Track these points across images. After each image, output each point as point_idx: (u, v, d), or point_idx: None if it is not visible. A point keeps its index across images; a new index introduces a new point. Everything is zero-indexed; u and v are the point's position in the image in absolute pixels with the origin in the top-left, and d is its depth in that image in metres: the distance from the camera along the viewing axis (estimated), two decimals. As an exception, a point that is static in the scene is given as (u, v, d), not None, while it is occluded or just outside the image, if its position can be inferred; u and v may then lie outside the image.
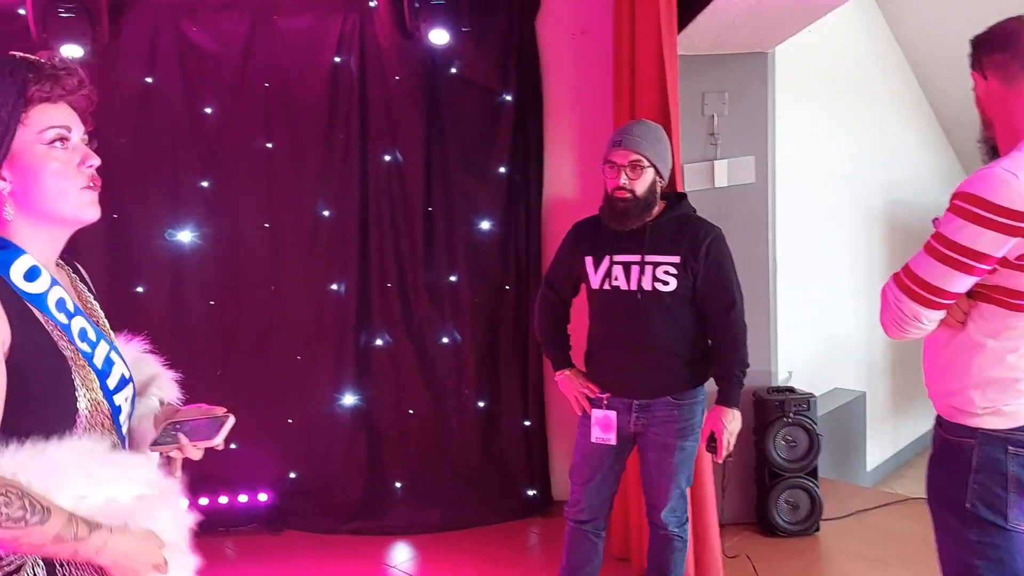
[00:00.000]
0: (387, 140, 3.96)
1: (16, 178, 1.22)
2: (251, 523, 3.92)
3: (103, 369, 1.27)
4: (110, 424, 1.28)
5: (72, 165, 1.24)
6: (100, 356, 1.27)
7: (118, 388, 1.30)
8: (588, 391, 2.71)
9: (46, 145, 1.22)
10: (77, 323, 1.26)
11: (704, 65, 3.74)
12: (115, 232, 3.81)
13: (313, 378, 3.97)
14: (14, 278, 1.19)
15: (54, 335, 1.21)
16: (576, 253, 2.72)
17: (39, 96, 1.22)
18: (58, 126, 1.23)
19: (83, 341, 1.25)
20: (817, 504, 3.76)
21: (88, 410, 1.22)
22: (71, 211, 1.26)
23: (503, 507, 4.03)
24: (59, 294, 1.25)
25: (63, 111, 1.25)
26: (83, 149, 1.26)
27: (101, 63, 3.66)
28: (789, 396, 3.77)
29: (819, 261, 4.65)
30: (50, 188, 1.22)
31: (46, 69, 1.23)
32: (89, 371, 1.24)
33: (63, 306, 1.25)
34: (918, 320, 1.69)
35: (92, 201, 1.27)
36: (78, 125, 1.28)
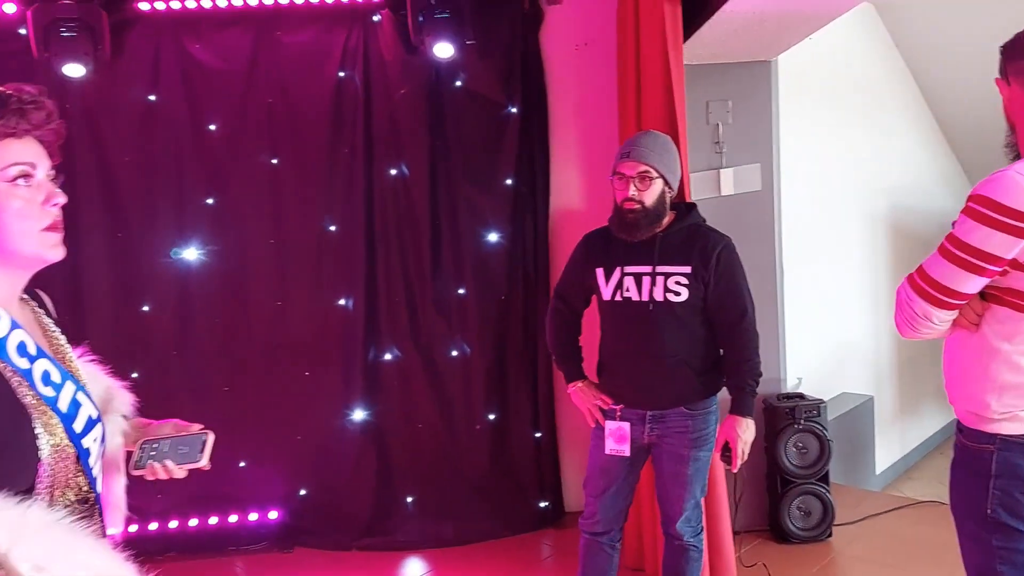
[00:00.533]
0: (392, 154, 3.96)
1: None
2: (261, 541, 3.89)
3: (68, 413, 1.22)
4: (76, 468, 1.23)
5: (36, 204, 1.19)
6: (65, 399, 1.23)
7: (85, 431, 1.25)
8: (601, 403, 2.71)
9: (8, 183, 1.17)
10: (40, 366, 1.21)
11: (707, 74, 3.74)
12: (120, 250, 3.81)
13: (322, 394, 3.95)
14: None
15: (12, 382, 1.16)
16: (587, 264, 2.72)
17: (2, 132, 1.17)
18: (21, 163, 1.18)
19: (47, 385, 1.20)
20: (829, 510, 3.75)
21: (51, 457, 1.18)
22: (32, 251, 1.21)
23: (516, 520, 4.01)
24: (20, 338, 1.20)
25: (28, 147, 1.20)
26: (48, 187, 1.21)
27: (104, 81, 3.67)
28: (799, 403, 3.76)
29: (825, 267, 4.65)
30: (11, 228, 1.18)
31: (11, 103, 1.18)
32: (52, 416, 1.19)
33: (24, 350, 1.20)
34: (929, 320, 1.71)
35: (56, 242, 1.22)
36: (44, 161, 1.22)
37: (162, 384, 3.73)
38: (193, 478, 2.10)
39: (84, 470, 1.24)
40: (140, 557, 3.54)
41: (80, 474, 1.24)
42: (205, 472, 1.50)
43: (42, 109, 1.22)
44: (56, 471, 1.19)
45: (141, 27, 3.75)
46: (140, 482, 3.98)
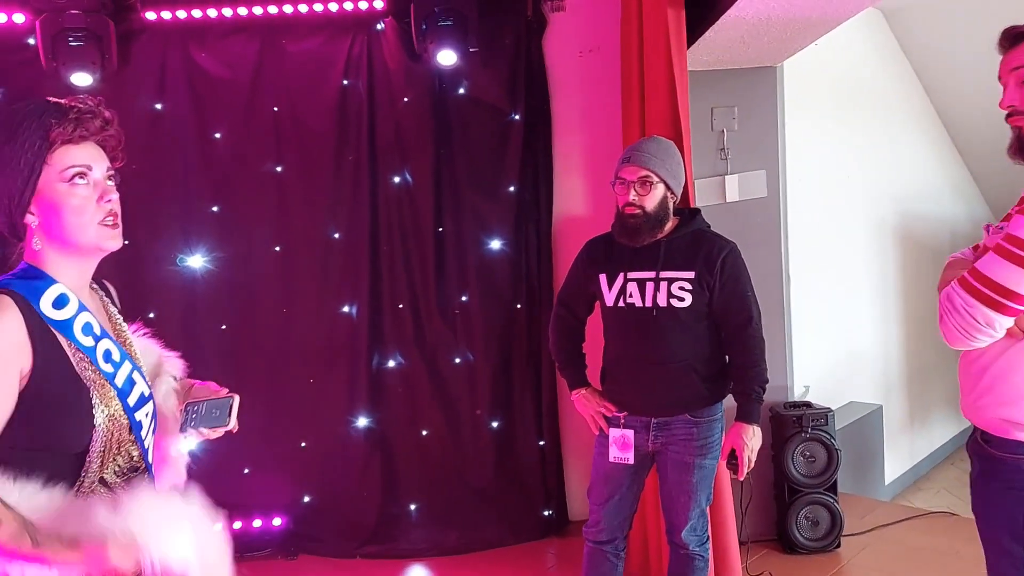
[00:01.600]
0: (396, 161, 3.97)
1: (41, 213, 1.35)
2: (266, 548, 3.89)
3: (124, 388, 1.40)
4: (129, 437, 1.42)
5: (91, 201, 1.36)
6: (122, 376, 1.41)
7: (138, 405, 1.43)
8: (605, 410, 2.69)
9: (67, 183, 1.35)
10: (103, 346, 1.39)
11: (712, 80, 3.73)
12: (127, 258, 3.81)
13: (326, 401, 3.95)
14: (43, 307, 1.33)
15: (75, 358, 1.34)
16: (590, 271, 2.71)
17: (61, 138, 1.34)
18: (78, 165, 1.35)
19: (107, 362, 1.39)
20: (838, 520, 3.71)
21: (105, 424, 1.35)
22: (91, 242, 1.37)
23: (520, 528, 3.99)
24: (86, 319, 1.38)
25: (86, 150, 1.37)
26: (103, 186, 1.38)
27: (111, 90, 3.68)
28: (806, 411, 3.73)
29: (832, 274, 4.62)
30: (70, 223, 1.35)
31: (70, 113, 1.35)
32: (109, 389, 1.37)
33: (90, 330, 1.38)
34: (991, 327, 1.59)
35: (112, 235, 1.39)
36: (101, 162, 1.39)
37: (167, 391, 3.74)
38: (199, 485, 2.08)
39: (136, 440, 1.43)
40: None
41: (132, 443, 1.43)
42: (210, 479, 1.53)
43: (97, 117, 1.39)
44: (109, 438, 1.37)
45: (148, 36, 3.77)
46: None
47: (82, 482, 1.34)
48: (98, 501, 1.31)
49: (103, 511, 1.26)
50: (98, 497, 1.35)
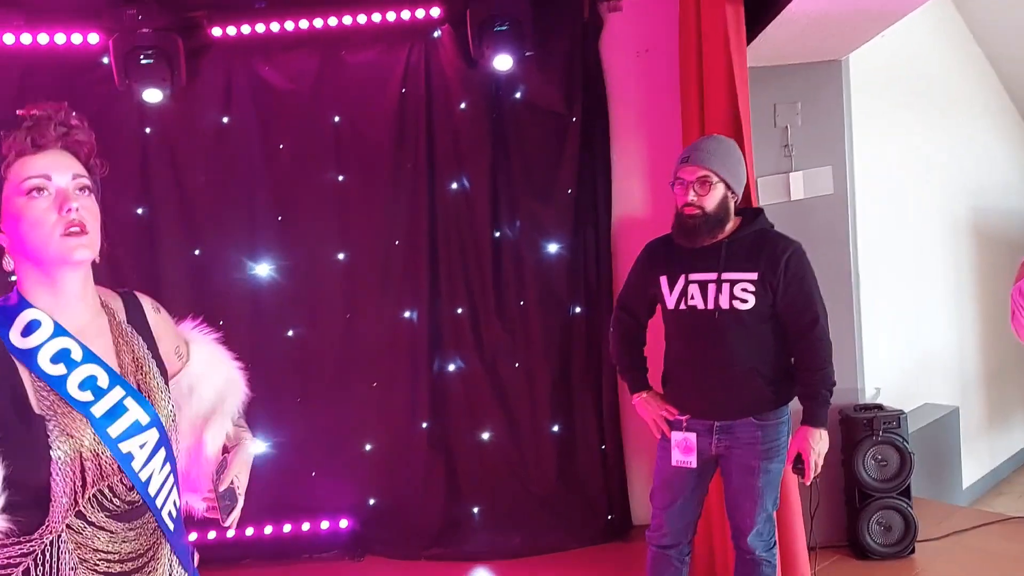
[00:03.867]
0: (454, 167, 4.00)
1: (7, 230, 1.29)
2: (333, 549, 3.96)
3: (103, 418, 1.29)
4: (114, 471, 1.30)
5: (51, 212, 1.26)
6: (106, 405, 1.30)
7: (128, 435, 1.31)
8: (666, 413, 2.66)
9: (24, 196, 1.27)
10: (83, 372, 1.29)
11: (774, 76, 3.66)
12: (198, 267, 3.94)
13: (389, 405, 4.01)
14: (11, 335, 1.27)
15: (32, 388, 1.26)
16: (650, 273, 2.68)
17: (14, 150, 1.27)
18: (34, 176, 1.27)
19: (84, 390, 1.28)
20: (912, 525, 3.60)
21: (69, 457, 1.24)
22: (54, 255, 1.28)
23: (582, 532, 3.97)
24: (60, 345, 1.29)
25: (45, 159, 1.29)
26: (64, 195, 1.28)
27: (180, 105, 3.82)
28: (878, 413, 3.62)
29: (904, 272, 4.48)
30: (30, 237, 1.27)
31: (23, 122, 1.28)
32: (80, 421, 1.27)
33: (63, 356, 1.28)
34: None
35: (76, 244, 1.28)
36: (64, 171, 1.29)
37: (237, 396, 3.84)
38: (268, 487, 2.16)
39: (127, 473, 1.31)
40: (218, 564, 3.64)
41: (119, 476, 1.30)
42: (279, 482, 1.58)
43: (56, 123, 1.30)
44: (82, 471, 1.26)
45: (214, 52, 3.88)
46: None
47: (50, 517, 1.24)
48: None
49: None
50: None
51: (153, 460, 1.35)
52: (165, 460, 1.38)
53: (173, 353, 1.53)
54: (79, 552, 1.26)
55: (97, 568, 1.28)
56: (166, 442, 1.38)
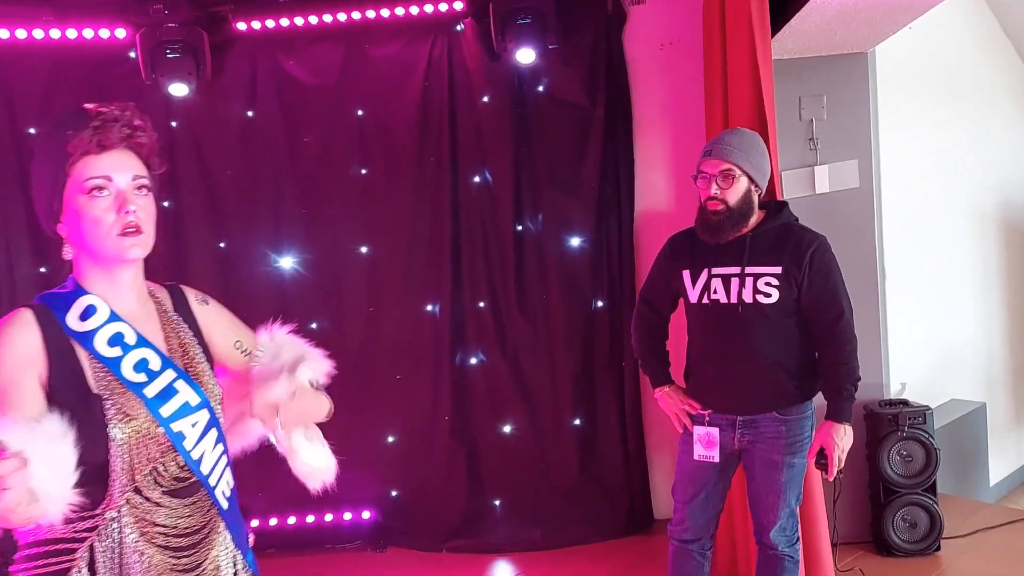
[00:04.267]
0: (477, 161, 4.01)
1: (68, 224, 1.37)
2: (356, 540, 4.00)
3: (156, 399, 1.37)
4: (166, 449, 1.37)
5: (110, 212, 1.34)
6: (158, 386, 1.38)
7: (179, 415, 1.39)
8: (689, 407, 2.65)
9: (86, 195, 1.34)
10: (136, 355, 1.38)
11: (799, 68, 3.63)
12: (223, 260, 3.98)
13: (412, 397, 4.03)
14: (68, 319, 1.35)
15: (92, 370, 1.34)
16: (673, 267, 2.67)
17: (79, 150, 1.33)
18: (96, 176, 1.34)
19: (139, 372, 1.37)
20: (937, 522, 3.56)
21: (128, 438, 1.33)
22: (109, 253, 1.36)
23: (604, 525, 3.98)
24: (115, 329, 1.38)
25: (108, 160, 1.35)
26: (124, 196, 1.35)
27: (205, 99, 3.85)
28: (903, 409, 3.59)
29: (930, 266, 4.43)
30: (89, 233, 1.35)
31: (90, 121, 1.34)
32: (135, 401, 1.35)
33: (119, 340, 1.37)
34: None
35: (131, 244, 1.36)
36: (126, 172, 1.36)
37: (261, 387, 3.87)
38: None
39: (180, 452, 1.39)
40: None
41: (172, 454, 1.38)
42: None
43: (122, 124, 1.36)
44: (137, 449, 1.34)
45: (239, 46, 3.92)
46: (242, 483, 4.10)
47: (110, 493, 1.32)
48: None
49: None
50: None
51: (204, 440, 1.42)
52: (217, 441, 1.45)
53: (232, 346, 1.57)
54: (139, 526, 1.34)
55: (155, 541, 1.36)
56: (216, 423, 1.45)
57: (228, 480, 1.49)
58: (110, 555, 1.33)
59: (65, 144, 1.32)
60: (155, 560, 1.36)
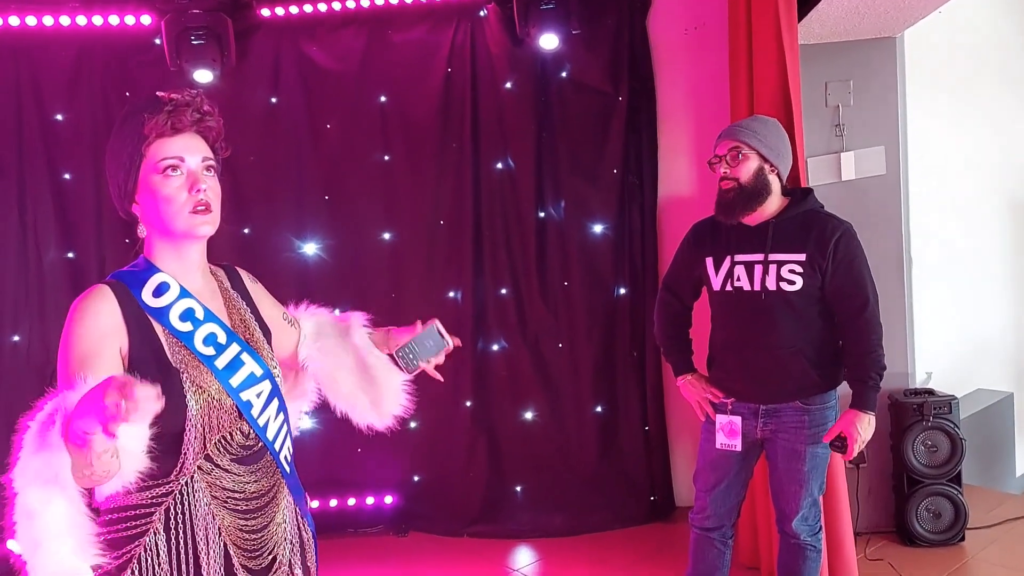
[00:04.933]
0: (499, 147, 4.00)
1: (143, 202, 1.45)
2: (378, 525, 4.04)
3: (225, 370, 1.45)
4: (236, 418, 1.46)
5: (183, 191, 1.42)
6: (226, 358, 1.46)
7: (245, 385, 1.47)
8: (711, 396, 2.64)
9: (160, 174, 1.42)
10: (206, 329, 1.46)
11: (826, 53, 3.58)
12: (246, 246, 4.00)
13: (433, 383, 4.00)
14: (144, 296, 1.43)
15: (168, 344, 1.42)
16: (696, 254, 2.65)
17: (155, 132, 1.41)
18: (170, 157, 1.42)
19: (208, 345, 1.45)
20: (962, 512, 3.53)
21: (200, 407, 1.40)
22: (182, 229, 1.43)
23: (625, 512, 3.98)
24: (187, 304, 1.46)
25: (180, 142, 1.43)
26: (195, 176, 1.43)
27: (229, 85, 3.87)
28: (928, 399, 3.56)
29: (958, 254, 4.37)
30: (163, 211, 1.42)
31: (165, 106, 1.42)
32: (206, 372, 1.43)
33: (190, 315, 1.45)
34: None
35: (201, 222, 1.44)
36: (196, 153, 1.45)
37: (285, 373, 3.91)
38: (315, 463, 2.20)
39: (248, 419, 1.47)
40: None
41: (241, 422, 1.47)
42: (326, 457, 1.65)
43: (193, 109, 1.45)
44: (207, 419, 1.42)
45: (263, 33, 3.93)
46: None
47: (184, 460, 1.40)
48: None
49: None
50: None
51: (269, 408, 1.51)
52: (279, 409, 1.54)
53: (281, 319, 1.71)
54: (211, 491, 1.43)
55: (227, 504, 1.45)
56: (278, 392, 1.54)
57: (289, 447, 1.58)
58: (184, 518, 1.41)
59: (141, 127, 1.40)
60: (226, 522, 1.45)
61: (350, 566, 3.68)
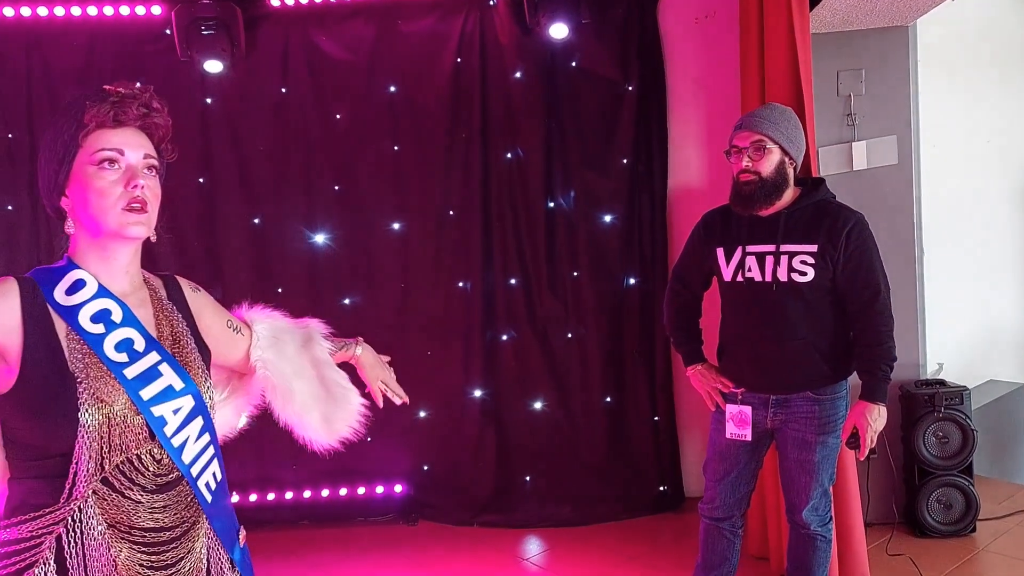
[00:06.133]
0: (508, 137, 3.99)
1: (72, 195, 1.33)
2: (388, 513, 4.06)
3: (135, 380, 1.30)
4: (146, 438, 1.30)
5: (117, 185, 1.31)
6: (140, 367, 1.32)
7: (160, 399, 1.32)
8: (721, 386, 2.64)
9: (95, 166, 1.31)
10: (121, 334, 1.32)
11: (838, 42, 3.56)
12: (257, 236, 4.02)
13: (443, 373, 4.05)
14: (55, 292, 1.31)
15: (68, 346, 1.28)
16: (707, 244, 2.65)
17: (95, 121, 1.31)
18: (109, 148, 1.32)
19: (121, 352, 1.31)
20: (973, 503, 3.52)
21: (98, 424, 1.25)
22: (112, 227, 1.32)
23: (634, 503, 3.99)
24: (102, 305, 1.33)
25: (122, 135, 1.33)
26: (134, 171, 1.32)
27: (239, 76, 3.88)
28: (940, 390, 3.54)
29: (970, 245, 4.34)
30: (93, 205, 1.31)
31: (109, 96, 1.32)
32: (112, 383, 1.28)
33: (105, 316, 1.32)
34: None
35: (135, 221, 1.32)
36: (138, 149, 1.34)
37: (295, 362, 3.91)
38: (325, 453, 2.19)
39: (159, 438, 1.32)
40: (276, 525, 3.75)
41: (152, 443, 1.31)
42: (336, 446, 1.67)
43: (136, 102, 1.34)
44: (109, 436, 1.27)
45: (272, 22, 3.93)
46: (277, 455, 4.16)
47: (74, 484, 1.25)
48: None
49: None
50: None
51: (188, 427, 1.35)
52: (203, 430, 1.38)
53: (226, 326, 1.58)
54: (106, 518, 1.27)
55: (128, 536, 1.29)
56: (203, 411, 1.38)
57: (215, 472, 1.41)
58: (77, 548, 1.25)
59: (81, 115, 1.31)
60: (123, 555, 1.28)
61: (361, 554, 3.70)
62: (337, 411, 1.68)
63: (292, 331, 1.69)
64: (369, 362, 1.86)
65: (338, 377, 1.70)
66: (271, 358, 1.62)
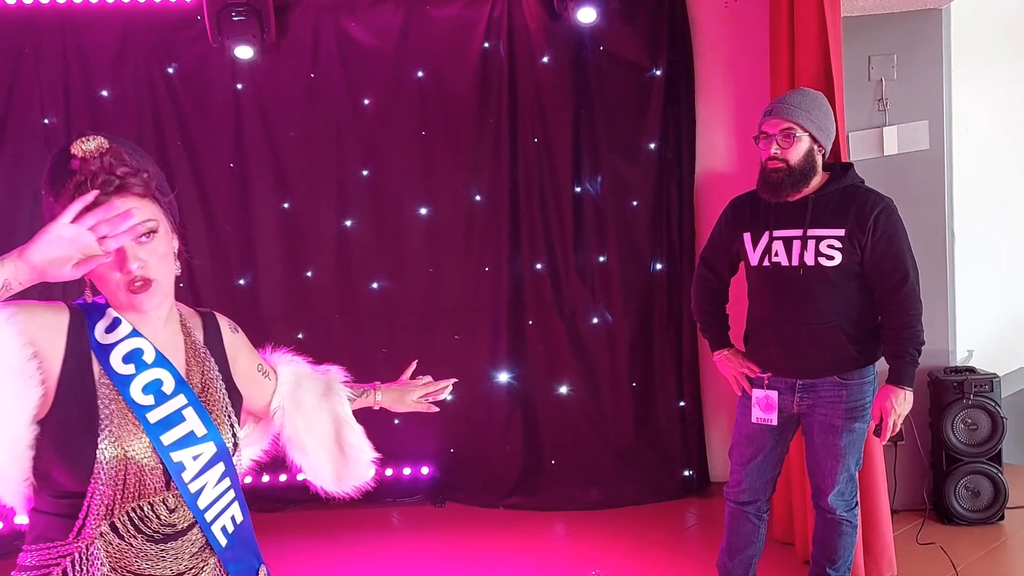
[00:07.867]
0: (536, 122, 4.00)
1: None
2: (416, 495, 4.11)
3: (157, 425, 1.28)
4: (162, 487, 1.28)
5: (112, 270, 1.26)
6: (164, 411, 1.29)
7: (180, 445, 1.30)
8: (748, 371, 2.65)
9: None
10: (151, 374, 1.30)
11: (869, 26, 3.52)
12: (287, 220, 4.07)
13: (470, 357, 4.09)
14: (96, 330, 1.29)
15: (98, 383, 1.26)
16: (734, 229, 2.65)
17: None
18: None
19: (148, 394, 1.29)
20: (1002, 491, 3.50)
21: (115, 462, 1.23)
22: (125, 306, 1.31)
23: (659, 487, 4.01)
24: (135, 345, 1.31)
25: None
26: (121, 255, 1.24)
27: (270, 62, 3.92)
28: (969, 376, 3.52)
29: (1002, 231, 4.28)
30: (100, 287, 1.30)
31: (72, 178, 1.23)
32: (134, 429, 1.26)
33: (135, 357, 1.30)
34: None
35: (142, 299, 1.28)
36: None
37: (325, 345, 3.96)
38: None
39: (177, 484, 1.29)
40: (305, 504, 3.81)
41: (167, 493, 1.29)
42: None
43: (103, 175, 1.23)
44: (124, 481, 1.24)
45: (302, 9, 3.96)
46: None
47: (83, 524, 1.23)
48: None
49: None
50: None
51: (207, 474, 1.33)
52: (224, 475, 1.36)
53: (256, 371, 1.57)
54: (111, 560, 1.26)
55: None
56: (226, 458, 1.36)
57: (235, 515, 1.38)
58: None
59: (55, 203, 1.24)
60: None
61: (391, 534, 3.77)
62: (348, 471, 1.68)
63: (313, 379, 1.68)
64: (394, 401, 1.84)
65: (354, 439, 1.68)
66: (289, 407, 1.62)
